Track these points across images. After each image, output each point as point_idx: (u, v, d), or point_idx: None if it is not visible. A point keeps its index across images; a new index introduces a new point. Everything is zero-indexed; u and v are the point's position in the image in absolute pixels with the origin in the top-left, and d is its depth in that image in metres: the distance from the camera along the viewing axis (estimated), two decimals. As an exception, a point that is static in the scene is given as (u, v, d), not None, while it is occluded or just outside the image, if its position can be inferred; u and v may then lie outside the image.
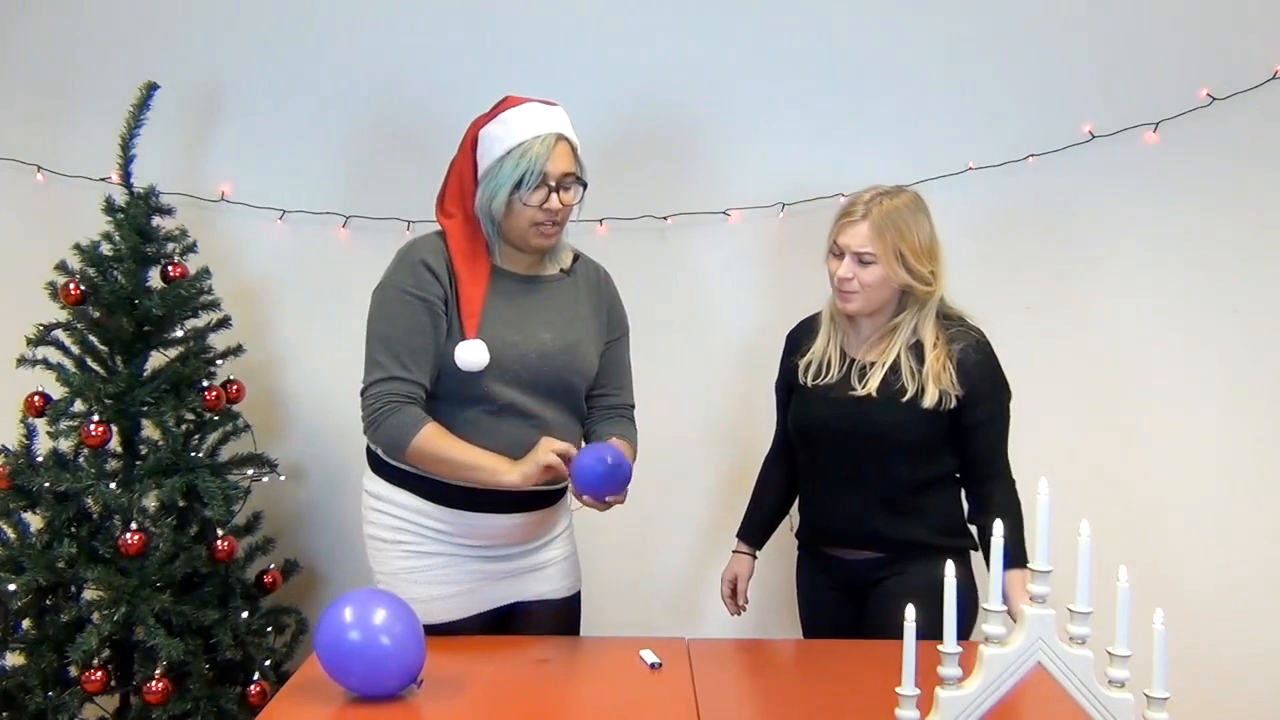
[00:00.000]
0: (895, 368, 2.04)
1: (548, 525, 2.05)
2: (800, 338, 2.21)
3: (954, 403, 2.01)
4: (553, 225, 1.91)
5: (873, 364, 2.07)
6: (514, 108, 1.92)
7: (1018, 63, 2.62)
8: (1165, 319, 2.64)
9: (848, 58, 2.63)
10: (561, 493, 2.05)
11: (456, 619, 1.96)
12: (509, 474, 1.84)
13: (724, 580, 2.30)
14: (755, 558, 2.31)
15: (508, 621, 2.05)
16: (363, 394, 1.90)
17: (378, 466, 1.99)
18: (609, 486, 1.81)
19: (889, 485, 2.05)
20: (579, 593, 2.14)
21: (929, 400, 2.00)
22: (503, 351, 1.88)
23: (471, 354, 1.85)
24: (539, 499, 1.97)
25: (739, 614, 2.30)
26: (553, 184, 1.88)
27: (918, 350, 2.05)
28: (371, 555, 2.00)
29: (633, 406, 2.14)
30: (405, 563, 1.94)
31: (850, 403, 2.05)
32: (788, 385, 2.22)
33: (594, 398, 2.09)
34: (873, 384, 2.04)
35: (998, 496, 2.05)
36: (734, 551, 2.31)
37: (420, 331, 1.87)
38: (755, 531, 2.31)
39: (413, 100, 2.64)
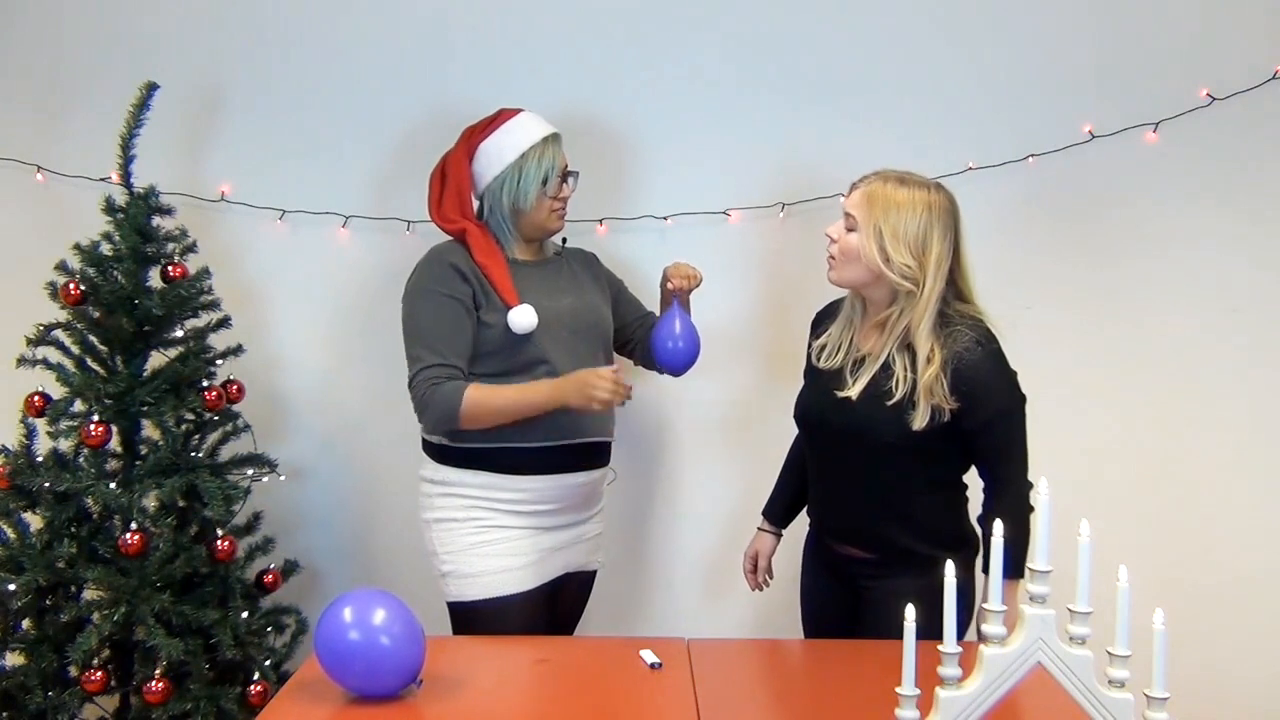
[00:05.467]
0: (888, 366, 1.97)
1: (597, 495, 2.27)
2: (822, 319, 2.19)
3: (947, 416, 1.92)
4: (564, 209, 2.23)
5: (869, 357, 2.01)
6: (511, 118, 2.20)
7: (1018, 63, 2.62)
8: (1165, 319, 2.64)
9: (847, 58, 2.63)
10: (608, 451, 2.24)
11: (529, 588, 2.10)
12: (548, 388, 2.05)
13: (745, 556, 2.34)
14: (779, 537, 2.33)
15: (556, 591, 2.20)
16: (409, 388, 2.08)
17: (444, 456, 2.14)
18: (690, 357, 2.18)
19: (876, 485, 2.01)
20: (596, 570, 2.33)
21: (919, 420, 1.91)
22: (544, 313, 2.10)
23: (523, 317, 2.07)
24: (597, 456, 2.19)
25: (759, 589, 2.33)
26: (561, 175, 2.20)
27: (912, 352, 1.95)
28: (437, 539, 2.12)
29: None
30: (478, 537, 2.09)
31: (841, 402, 2.00)
32: (807, 367, 2.21)
33: (633, 329, 2.39)
34: (860, 384, 1.98)
35: (1003, 504, 1.95)
36: (758, 529, 2.35)
37: (450, 320, 2.07)
38: (777, 510, 2.34)
39: (413, 101, 2.64)
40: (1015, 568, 1.77)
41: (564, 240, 2.33)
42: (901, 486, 2.00)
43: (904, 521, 2.01)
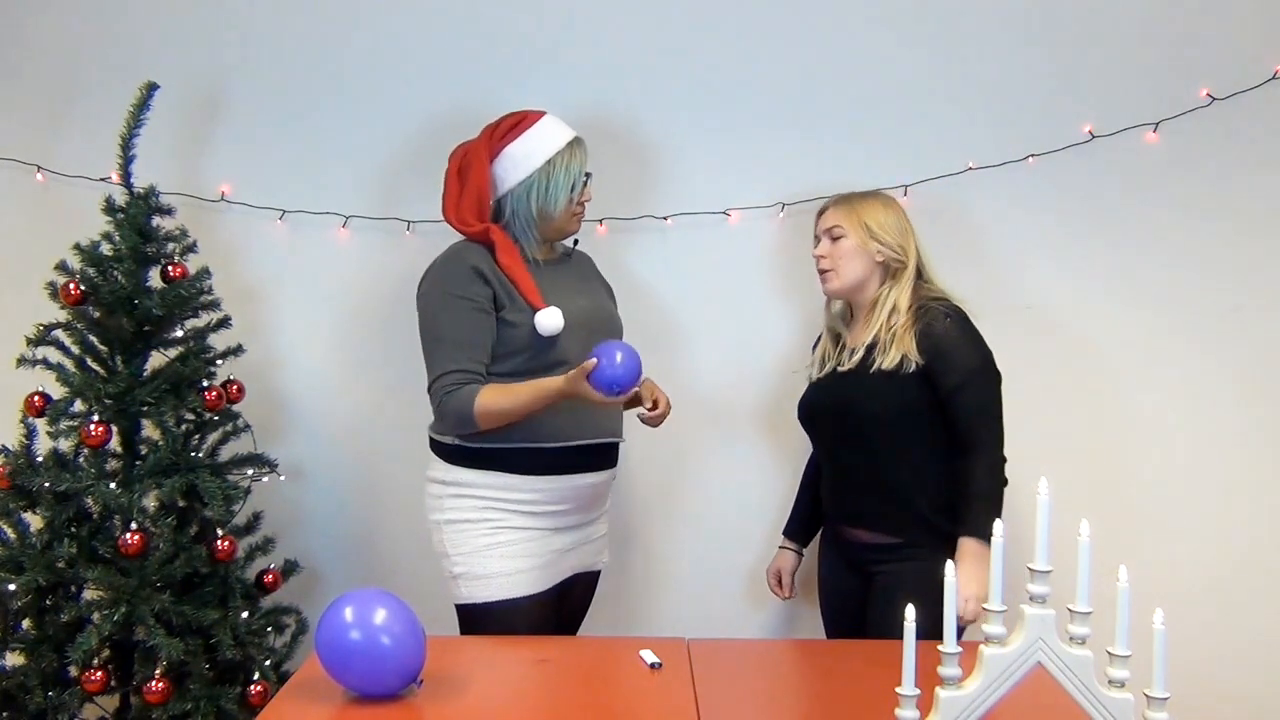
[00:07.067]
0: (874, 343, 2.18)
1: (606, 495, 2.27)
2: (815, 345, 2.41)
3: (913, 367, 2.10)
4: (584, 211, 2.25)
5: (859, 346, 2.21)
6: (535, 123, 2.19)
7: (1018, 63, 2.62)
8: (1165, 318, 2.64)
9: (847, 58, 2.64)
10: (618, 452, 2.23)
11: (541, 590, 2.10)
12: (561, 382, 2.00)
13: (769, 573, 2.48)
14: (801, 555, 2.46)
15: (564, 592, 2.21)
16: (428, 393, 2.10)
17: (456, 457, 2.13)
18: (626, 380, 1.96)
19: (877, 458, 2.16)
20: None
21: (888, 363, 2.11)
22: (565, 314, 2.09)
23: (551, 319, 2.08)
24: (607, 457, 2.19)
25: (787, 598, 2.48)
26: (586, 179, 2.22)
27: (894, 325, 2.17)
28: (449, 540, 2.11)
29: None
30: (491, 539, 2.09)
31: (833, 382, 2.24)
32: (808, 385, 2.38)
33: None
34: (854, 361, 2.19)
35: (975, 471, 2.08)
36: (780, 547, 2.48)
37: (469, 324, 2.08)
38: (796, 529, 2.48)
39: (413, 100, 2.64)
40: (979, 528, 1.97)
41: (575, 241, 2.35)
42: (904, 457, 2.15)
43: (915, 487, 2.14)
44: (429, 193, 2.27)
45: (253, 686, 2.28)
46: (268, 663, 2.36)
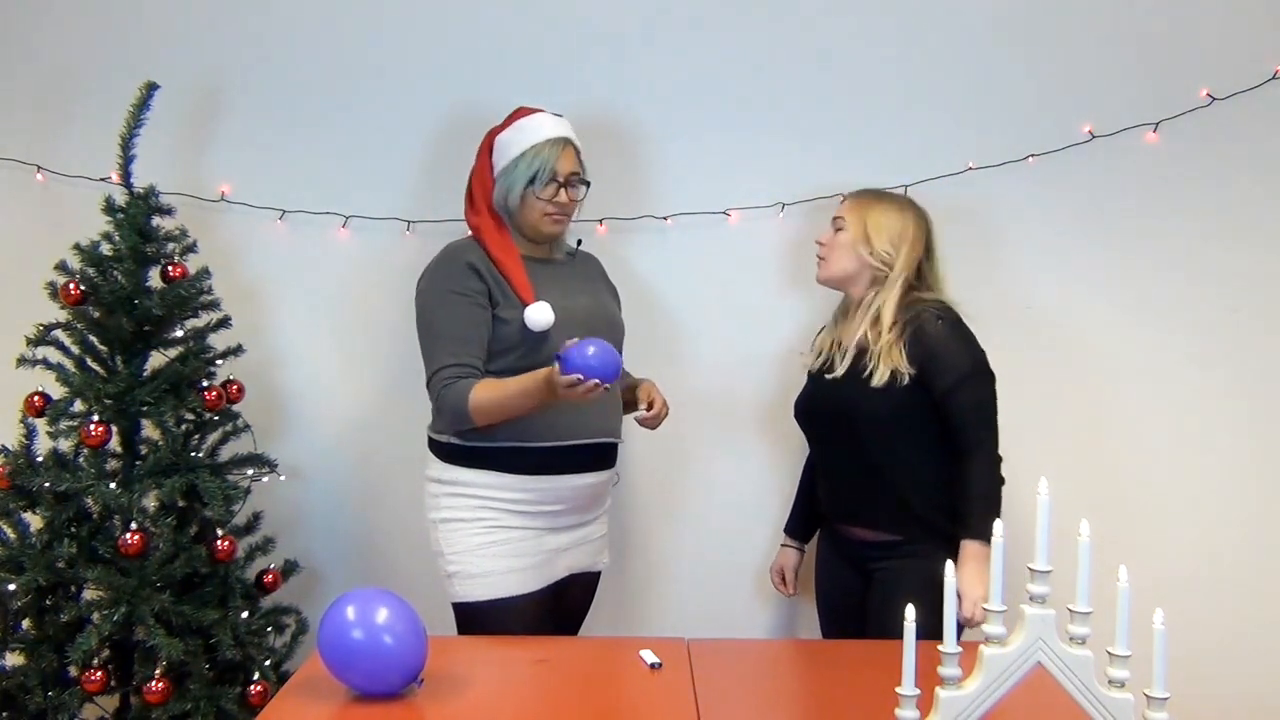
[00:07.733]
0: (863, 346, 2.17)
1: (604, 496, 2.26)
2: (817, 336, 2.39)
3: (906, 379, 2.09)
4: (562, 215, 2.20)
5: (849, 346, 2.20)
6: (525, 116, 2.20)
7: (1018, 62, 2.62)
8: (1164, 318, 2.64)
9: (847, 57, 2.63)
10: (615, 453, 2.21)
11: (535, 589, 2.10)
12: (546, 370, 1.94)
13: (772, 571, 2.50)
14: (802, 552, 2.47)
15: (561, 592, 2.20)
16: (426, 387, 2.11)
17: (452, 456, 2.13)
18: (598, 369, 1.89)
19: (872, 457, 2.15)
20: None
21: (878, 380, 2.10)
22: (560, 312, 2.09)
23: (540, 314, 2.07)
24: (604, 457, 2.17)
25: (791, 595, 2.49)
26: (560, 180, 2.16)
27: (880, 327, 2.16)
28: (444, 539, 2.12)
29: None
30: (485, 537, 2.09)
31: (827, 385, 2.22)
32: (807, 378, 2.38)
33: None
34: (844, 366, 2.19)
35: (971, 472, 2.08)
36: (781, 545, 2.49)
37: (465, 321, 2.08)
38: (797, 526, 2.48)
39: (413, 101, 2.64)
40: (978, 530, 1.97)
41: (579, 242, 2.36)
42: (900, 456, 2.14)
43: (911, 486, 2.13)
44: (429, 193, 2.27)
45: (253, 686, 2.28)
46: (268, 663, 2.36)
